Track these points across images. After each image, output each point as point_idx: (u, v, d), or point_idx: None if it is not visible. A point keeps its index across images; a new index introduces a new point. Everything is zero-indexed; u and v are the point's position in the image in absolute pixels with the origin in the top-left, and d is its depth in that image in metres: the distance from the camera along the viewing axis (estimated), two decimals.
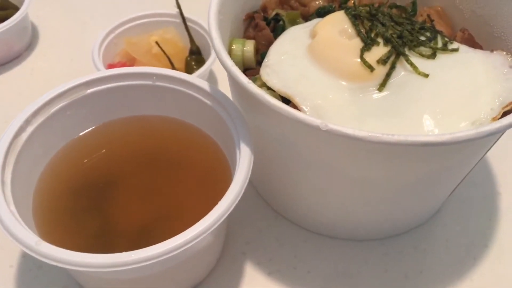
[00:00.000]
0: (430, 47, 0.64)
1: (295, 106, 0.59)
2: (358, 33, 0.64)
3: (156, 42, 0.90)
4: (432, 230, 0.74)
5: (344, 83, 0.62)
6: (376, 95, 0.62)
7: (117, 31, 0.91)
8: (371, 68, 0.61)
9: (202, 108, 0.65)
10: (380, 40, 0.64)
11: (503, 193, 0.79)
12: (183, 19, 0.93)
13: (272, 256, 0.70)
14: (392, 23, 0.66)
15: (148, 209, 0.65)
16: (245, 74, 0.71)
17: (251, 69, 0.71)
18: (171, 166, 0.68)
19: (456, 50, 0.65)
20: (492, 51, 0.66)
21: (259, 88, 0.53)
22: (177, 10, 0.94)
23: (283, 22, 0.74)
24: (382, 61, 0.62)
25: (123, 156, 0.68)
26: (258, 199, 0.77)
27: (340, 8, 0.80)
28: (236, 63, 0.69)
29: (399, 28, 0.65)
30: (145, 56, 0.90)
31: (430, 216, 0.74)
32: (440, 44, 0.66)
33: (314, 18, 0.74)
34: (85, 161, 0.66)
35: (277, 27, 0.74)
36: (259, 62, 0.70)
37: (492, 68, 0.63)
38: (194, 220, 0.53)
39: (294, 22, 0.74)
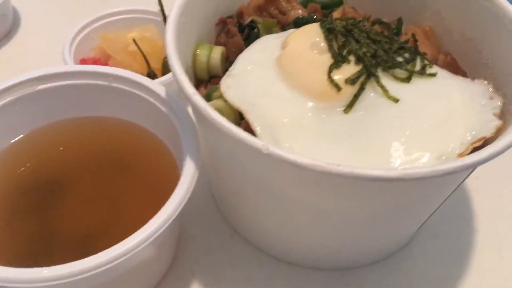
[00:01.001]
0: (406, 70, 0.59)
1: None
2: (330, 49, 0.60)
3: (133, 40, 0.86)
4: (399, 264, 0.69)
5: (309, 101, 0.58)
6: (342, 117, 0.57)
7: (94, 25, 0.88)
8: (338, 88, 0.57)
9: (156, 114, 0.61)
10: (352, 58, 0.59)
11: (481, 230, 0.73)
12: (164, 17, 0.89)
13: (222, 279, 0.66)
14: (368, 41, 0.61)
15: (94, 215, 0.62)
16: (210, 82, 0.67)
17: (218, 77, 0.66)
18: (122, 170, 0.64)
19: (433, 75, 0.60)
20: (473, 79, 0.61)
21: (203, 101, 0.49)
22: (159, 7, 0.90)
23: (258, 30, 0.70)
24: (351, 80, 0.57)
25: (72, 157, 0.65)
26: (218, 214, 0.73)
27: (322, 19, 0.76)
28: (201, 70, 0.66)
29: (375, 47, 0.60)
30: (120, 53, 0.86)
31: (397, 249, 0.69)
32: (418, 67, 0.61)
33: (291, 28, 0.70)
34: (30, 162, 0.63)
35: (251, 35, 0.70)
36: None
37: (470, 98, 0.58)
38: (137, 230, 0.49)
39: (269, 31, 0.70)
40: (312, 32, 0.63)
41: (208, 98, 0.61)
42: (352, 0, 0.77)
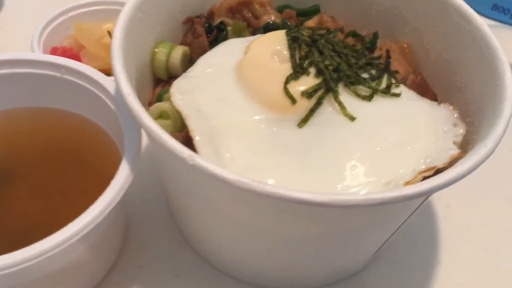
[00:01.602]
0: (370, 87, 0.56)
1: None
2: (291, 58, 0.57)
3: (108, 32, 0.84)
4: None
5: (262, 111, 0.55)
6: (296, 131, 0.54)
7: (70, 14, 0.85)
8: (292, 100, 0.53)
9: (106, 110, 0.59)
10: (312, 70, 0.56)
11: (444, 262, 0.70)
12: None
13: None
14: (333, 53, 0.58)
15: (36, 208, 0.59)
16: (169, 82, 0.64)
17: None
18: (69, 163, 0.62)
19: (397, 95, 0.56)
20: (440, 103, 0.57)
21: (137, 102, 0.46)
22: None
23: (226, 32, 0.67)
24: (307, 94, 0.54)
25: (19, 148, 0.62)
26: (171, 221, 0.70)
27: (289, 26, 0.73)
28: (159, 69, 0.63)
29: (339, 60, 0.57)
30: (94, 45, 0.83)
31: (350, 273, 0.65)
32: (383, 86, 0.58)
33: (261, 33, 0.67)
34: None
35: (219, 37, 0.67)
36: None
37: (432, 122, 0.54)
38: None
39: (239, 34, 0.67)
40: (276, 39, 0.60)
41: (159, 99, 0.58)
42: (332, 9, 0.73)
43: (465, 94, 0.60)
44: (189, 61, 0.65)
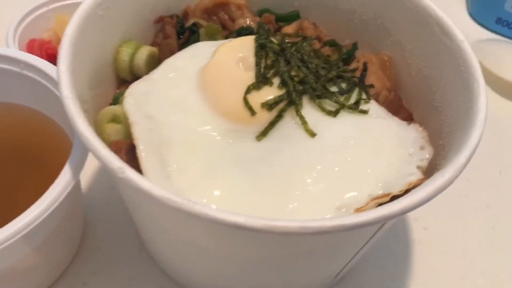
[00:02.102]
0: (336, 102, 0.53)
1: None
2: (256, 66, 0.54)
3: None
4: None
5: (221, 121, 0.52)
6: (253, 144, 0.51)
7: (52, 6, 0.83)
8: (251, 111, 0.51)
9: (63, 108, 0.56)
10: (277, 80, 0.53)
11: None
12: None
13: None
14: (300, 64, 0.54)
15: None
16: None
17: None
18: (25, 160, 0.60)
19: (365, 112, 0.53)
20: (409, 123, 0.54)
21: (74, 105, 0.44)
22: None
23: (198, 34, 0.64)
24: (268, 106, 0.51)
25: None
26: (131, 227, 0.68)
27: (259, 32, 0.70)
28: (122, 69, 0.60)
29: (306, 71, 0.54)
30: None
31: None
32: (352, 101, 0.54)
33: (233, 37, 0.64)
34: None
35: (191, 39, 0.64)
36: None
37: (398, 144, 0.51)
38: None
39: (211, 37, 0.64)
40: (244, 45, 0.57)
41: (115, 101, 0.56)
42: (314, 16, 0.70)
43: (441, 114, 0.56)
44: (156, 63, 0.62)
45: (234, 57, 0.56)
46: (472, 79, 0.51)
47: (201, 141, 0.50)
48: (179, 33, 0.65)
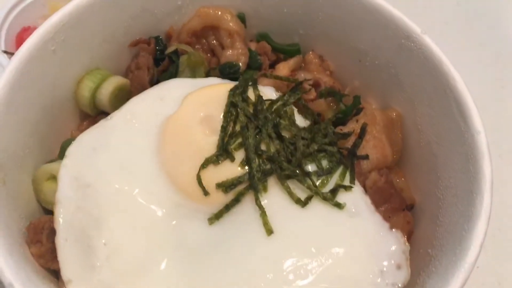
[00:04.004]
0: (309, 188, 0.44)
1: None
2: (220, 133, 0.45)
3: None
4: None
5: (173, 192, 0.45)
6: (202, 228, 0.44)
7: None
8: (204, 192, 0.43)
9: None
10: (241, 154, 0.45)
11: None
12: None
13: None
14: (274, 134, 0.46)
15: None
16: (99, 118, 0.55)
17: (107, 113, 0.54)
18: None
19: (340, 206, 0.44)
20: (391, 228, 0.44)
21: None
22: None
23: (177, 66, 0.55)
24: (224, 188, 0.43)
25: None
26: None
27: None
28: (83, 105, 0.54)
29: (278, 146, 0.45)
30: None
31: None
32: (330, 185, 0.45)
33: (216, 74, 0.55)
34: None
35: (170, 67, 0.56)
36: None
37: (370, 256, 0.42)
38: None
39: (192, 69, 0.55)
40: (215, 99, 0.49)
41: (62, 151, 0.49)
42: (321, 48, 0.59)
43: (440, 211, 0.47)
44: (127, 94, 0.55)
45: (200, 113, 0.47)
46: (478, 186, 0.41)
47: (142, 219, 0.44)
48: (158, 59, 0.57)
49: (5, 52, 0.70)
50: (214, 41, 0.58)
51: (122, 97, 0.54)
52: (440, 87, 0.48)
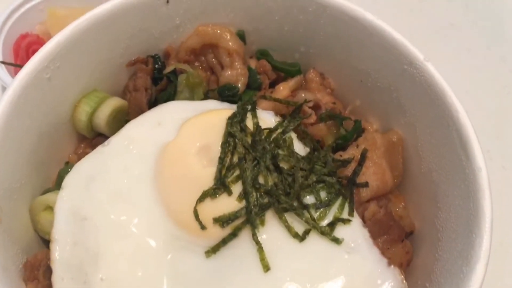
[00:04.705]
0: (306, 221, 0.44)
1: None
2: (218, 165, 0.45)
3: None
4: None
5: (170, 224, 0.45)
6: (199, 260, 0.44)
7: None
8: (201, 226, 0.43)
9: None
10: (238, 187, 0.44)
11: None
12: None
13: None
14: (272, 166, 0.45)
15: None
16: (96, 140, 0.54)
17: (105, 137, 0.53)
18: None
19: (338, 242, 0.44)
20: (389, 264, 0.44)
21: None
22: None
23: (175, 87, 0.54)
24: (221, 222, 0.43)
25: None
26: None
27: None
28: (80, 129, 0.53)
29: (275, 180, 0.45)
30: None
31: None
32: (329, 218, 0.45)
33: (215, 96, 0.54)
34: None
35: (168, 87, 0.55)
36: None
37: None
38: None
39: (191, 90, 0.55)
40: (213, 126, 0.48)
41: (59, 179, 0.49)
42: (323, 66, 0.58)
43: (439, 244, 0.46)
44: (125, 115, 0.54)
45: (198, 143, 0.47)
46: (478, 227, 0.41)
47: (139, 252, 0.44)
48: (157, 78, 0.56)
49: (3, 62, 0.69)
50: (214, 59, 0.57)
51: (119, 118, 0.54)
52: (442, 116, 0.47)
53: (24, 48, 0.73)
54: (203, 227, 0.43)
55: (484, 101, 0.82)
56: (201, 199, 0.44)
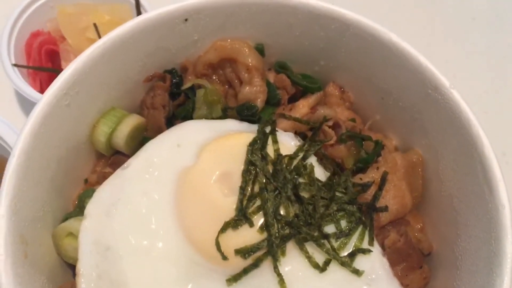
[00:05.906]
0: (327, 252, 0.44)
1: None
2: (240, 194, 0.45)
3: (94, 24, 0.71)
4: None
5: (191, 251, 0.45)
6: (220, 287, 0.45)
7: None
8: (223, 257, 0.43)
9: None
10: (259, 217, 0.44)
11: None
12: (137, 2, 0.73)
13: None
14: (294, 197, 0.45)
15: None
16: (115, 158, 0.54)
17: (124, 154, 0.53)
18: None
19: (358, 273, 0.44)
20: None
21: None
22: None
23: (193, 103, 0.53)
24: (242, 254, 0.43)
25: None
26: None
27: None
28: (99, 148, 0.53)
29: (297, 210, 0.45)
30: (76, 36, 0.72)
31: None
32: (349, 248, 0.45)
33: (234, 114, 0.53)
34: None
35: (185, 105, 0.54)
36: None
37: None
38: None
39: (209, 106, 0.54)
40: (233, 153, 0.48)
41: (80, 203, 0.49)
42: (343, 79, 0.57)
43: (457, 273, 0.47)
44: (143, 131, 0.54)
45: (218, 170, 0.47)
46: (499, 266, 0.41)
47: (160, 279, 0.44)
48: (174, 93, 0.55)
49: (15, 65, 0.68)
50: (232, 74, 0.56)
51: (138, 135, 0.54)
52: (466, 147, 0.46)
53: (36, 48, 0.72)
54: (224, 258, 0.44)
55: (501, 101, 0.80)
56: (223, 230, 0.44)
